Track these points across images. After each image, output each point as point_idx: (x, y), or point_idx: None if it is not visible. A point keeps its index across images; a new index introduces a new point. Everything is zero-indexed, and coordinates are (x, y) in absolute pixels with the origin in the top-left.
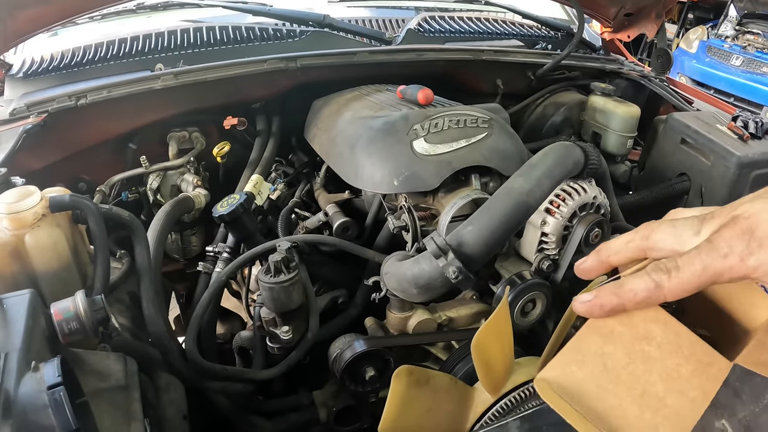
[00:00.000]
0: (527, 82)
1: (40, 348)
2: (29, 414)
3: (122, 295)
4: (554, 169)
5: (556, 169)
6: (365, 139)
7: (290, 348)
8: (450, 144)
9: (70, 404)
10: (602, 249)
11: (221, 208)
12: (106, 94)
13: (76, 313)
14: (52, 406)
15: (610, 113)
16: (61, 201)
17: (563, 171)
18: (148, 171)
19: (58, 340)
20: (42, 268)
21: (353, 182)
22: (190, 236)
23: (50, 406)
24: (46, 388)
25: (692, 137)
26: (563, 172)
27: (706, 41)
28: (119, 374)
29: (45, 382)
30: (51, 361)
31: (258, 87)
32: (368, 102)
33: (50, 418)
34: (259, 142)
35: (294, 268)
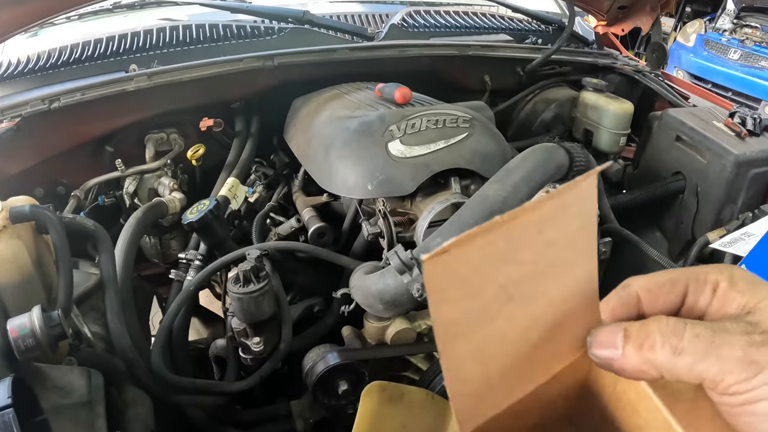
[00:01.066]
0: (516, 78)
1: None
2: None
3: (97, 302)
4: (533, 174)
5: (535, 173)
6: (340, 141)
7: (263, 359)
8: (428, 145)
9: (18, 427)
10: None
11: (190, 215)
12: (80, 96)
13: (32, 329)
14: (1, 429)
15: (603, 110)
16: (21, 212)
17: (543, 176)
18: (125, 174)
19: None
20: (3, 280)
21: (327, 186)
22: (169, 240)
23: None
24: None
25: (687, 134)
26: (543, 176)
27: (704, 35)
28: (82, 389)
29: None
30: (2, 382)
31: (235, 86)
32: (346, 101)
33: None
34: (236, 144)
35: (264, 277)
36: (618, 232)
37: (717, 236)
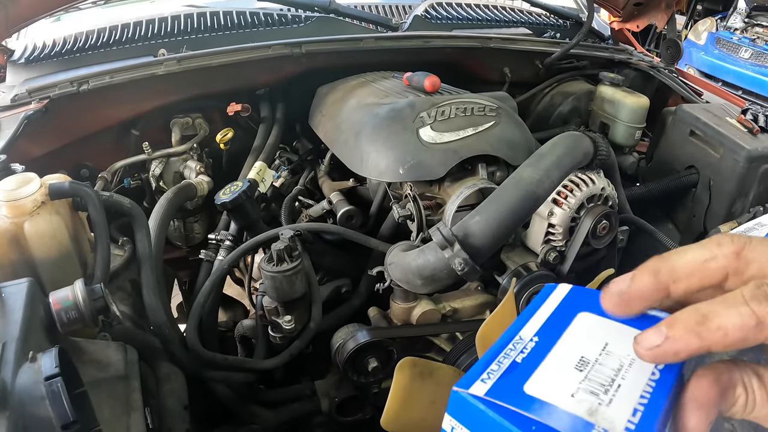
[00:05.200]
0: (535, 71)
1: (39, 338)
2: (26, 405)
3: (124, 282)
4: (563, 160)
5: (565, 159)
6: (371, 127)
7: (292, 338)
8: (457, 132)
9: (67, 395)
10: (663, 269)
11: (223, 195)
12: (109, 79)
13: (75, 302)
14: (49, 398)
15: (619, 104)
16: (60, 188)
17: (572, 161)
18: (151, 157)
19: (57, 329)
20: (41, 256)
21: (358, 170)
22: (192, 223)
23: (47, 398)
24: (44, 379)
25: (701, 129)
26: (572, 162)
27: (715, 33)
28: (119, 364)
29: (42, 373)
30: (48, 352)
31: (262, 73)
32: (374, 89)
33: (47, 409)
34: (263, 129)
35: (297, 257)
36: (634, 221)
37: (729, 229)
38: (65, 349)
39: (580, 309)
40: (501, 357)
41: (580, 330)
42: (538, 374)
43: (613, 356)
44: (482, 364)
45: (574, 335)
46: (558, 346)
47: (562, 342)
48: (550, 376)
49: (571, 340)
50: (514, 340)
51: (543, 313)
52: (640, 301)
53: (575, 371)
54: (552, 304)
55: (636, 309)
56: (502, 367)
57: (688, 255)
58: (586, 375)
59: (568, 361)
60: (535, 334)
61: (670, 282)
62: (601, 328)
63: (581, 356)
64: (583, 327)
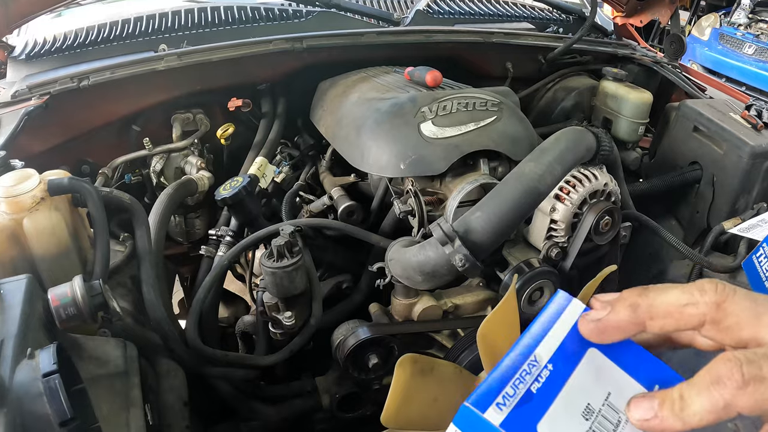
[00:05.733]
0: (537, 66)
1: (37, 334)
2: (24, 402)
3: (124, 278)
4: (566, 155)
5: (567, 154)
6: (372, 122)
7: (293, 334)
8: (458, 127)
9: (65, 392)
10: (642, 305)
11: (224, 191)
12: (109, 75)
13: (74, 298)
14: (47, 394)
15: (622, 99)
16: (59, 184)
17: (575, 156)
18: (152, 153)
19: (56, 325)
20: (41, 252)
21: (359, 165)
22: (193, 219)
23: (45, 395)
24: (41, 376)
25: (705, 125)
26: (575, 157)
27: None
28: (118, 360)
29: (40, 370)
30: (47, 348)
31: (263, 68)
32: (375, 84)
33: (45, 406)
34: (264, 124)
35: (297, 252)
36: (637, 217)
37: (732, 225)
38: (63, 346)
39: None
40: (516, 379)
41: (588, 370)
42: (551, 413)
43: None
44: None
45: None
46: (569, 384)
47: (573, 380)
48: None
49: (581, 380)
50: (530, 360)
51: (558, 332)
52: (616, 331)
53: (582, 419)
54: (567, 323)
55: (611, 338)
56: (518, 394)
57: (669, 296)
58: (591, 426)
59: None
60: (550, 360)
61: (647, 318)
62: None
63: (588, 403)
64: (591, 367)
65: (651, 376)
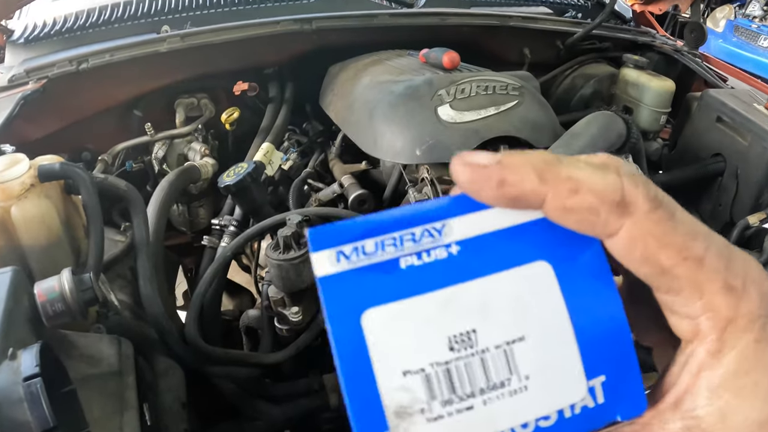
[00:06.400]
0: (555, 52)
1: (22, 332)
2: (3, 408)
3: (124, 270)
4: (598, 140)
5: (599, 140)
6: (385, 105)
7: (300, 330)
8: (478, 111)
9: (47, 398)
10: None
11: (227, 177)
12: (109, 57)
13: (62, 293)
14: (28, 400)
15: (644, 87)
16: (50, 170)
17: (606, 142)
18: (154, 139)
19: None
20: (30, 242)
21: (371, 151)
22: (197, 208)
23: (26, 400)
24: (22, 380)
25: (729, 115)
26: (606, 143)
27: (733, 20)
28: (112, 359)
29: (21, 373)
30: (29, 349)
31: (270, 51)
32: (388, 66)
33: (26, 413)
34: (271, 109)
35: (305, 243)
36: None
37: (757, 220)
38: (49, 345)
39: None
40: (391, 238)
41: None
42: (403, 308)
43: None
44: (361, 229)
45: (502, 290)
46: (469, 288)
47: (479, 285)
48: (410, 323)
49: (493, 294)
50: (430, 224)
51: (503, 215)
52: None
53: (445, 347)
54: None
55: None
56: (377, 255)
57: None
58: (449, 364)
59: (454, 323)
60: (463, 241)
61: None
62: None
63: (474, 330)
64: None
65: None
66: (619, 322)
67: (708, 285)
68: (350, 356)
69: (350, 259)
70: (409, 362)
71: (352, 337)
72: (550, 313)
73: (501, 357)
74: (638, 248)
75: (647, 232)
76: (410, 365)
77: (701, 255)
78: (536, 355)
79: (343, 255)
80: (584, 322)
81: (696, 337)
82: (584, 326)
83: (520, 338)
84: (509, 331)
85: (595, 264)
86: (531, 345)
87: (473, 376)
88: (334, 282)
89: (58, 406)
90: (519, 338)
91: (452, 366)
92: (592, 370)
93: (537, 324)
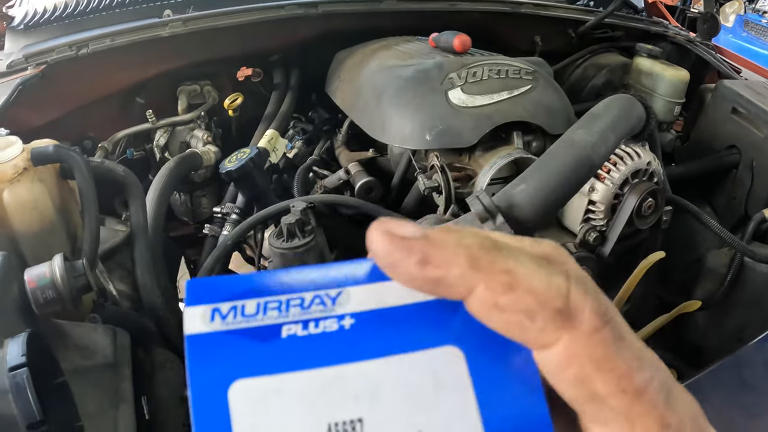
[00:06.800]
0: (567, 41)
1: (11, 320)
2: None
3: (124, 259)
4: (619, 123)
5: (620, 122)
6: (394, 89)
7: None
8: (490, 95)
9: (34, 390)
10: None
11: (229, 163)
12: (110, 42)
13: (53, 280)
14: (13, 392)
15: (658, 76)
16: (44, 153)
17: (627, 126)
18: (156, 126)
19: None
20: (22, 228)
21: (379, 136)
22: (200, 197)
23: (11, 392)
24: (7, 370)
25: (744, 106)
26: (628, 126)
27: (743, 15)
28: (107, 350)
29: (7, 363)
30: (16, 338)
31: (275, 36)
32: (397, 51)
33: (11, 405)
34: (275, 96)
35: (310, 231)
36: (676, 200)
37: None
38: (38, 334)
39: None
40: (277, 301)
41: (417, 371)
42: (278, 382)
43: None
44: (246, 286)
45: (399, 371)
46: (362, 367)
47: (377, 365)
48: (290, 399)
49: (386, 374)
50: (324, 291)
51: (403, 289)
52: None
53: (323, 431)
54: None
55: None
56: (259, 319)
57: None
58: None
59: (336, 407)
60: (358, 314)
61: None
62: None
63: (356, 418)
64: (427, 373)
65: None
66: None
67: (641, 420)
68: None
69: (225, 319)
70: None
71: (214, 410)
72: (457, 408)
73: None
74: (572, 368)
75: (586, 353)
76: None
77: (642, 387)
78: None
79: (218, 313)
80: (498, 425)
81: None
82: (498, 429)
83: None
84: (403, 426)
85: (520, 360)
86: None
87: None
88: (203, 342)
89: (47, 399)
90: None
91: None
92: None
93: (440, 420)
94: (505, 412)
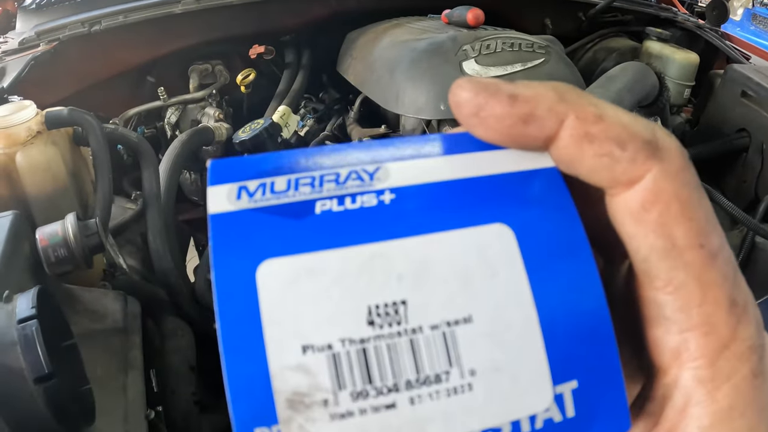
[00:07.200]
0: (577, 24)
1: (21, 279)
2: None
3: (134, 236)
4: (635, 85)
5: (636, 85)
6: (408, 61)
7: None
8: (504, 67)
9: (43, 342)
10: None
11: (243, 133)
12: (122, 19)
13: (65, 238)
14: (22, 344)
15: (668, 59)
16: (58, 116)
17: (642, 90)
18: (167, 104)
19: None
20: (34, 190)
21: (393, 108)
22: None
23: (19, 344)
24: (17, 322)
25: (754, 90)
26: (642, 91)
27: (751, 9)
28: (117, 315)
29: (16, 315)
30: (27, 292)
31: (288, 14)
32: (409, 28)
33: (19, 358)
34: (287, 74)
35: None
36: None
37: None
38: (48, 291)
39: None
40: (309, 177)
41: (465, 250)
42: (313, 264)
43: (439, 350)
44: (272, 163)
45: (444, 250)
46: (405, 244)
47: (420, 242)
48: (325, 279)
49: (431, 252)
50: (362, 166)
51: (446, 166)
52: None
53: (362, 314)
54: (494, 163)
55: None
56: (289, 196)
57: None
58: (367, 342)
59: (377, 288)
60: (399, 189)
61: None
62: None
63: (399, 300)
64: (471, 253)
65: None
66: (599, 312)
67: (712, 290)
68: (235, 320)
69: (253, 196)
70: (313, 335)
71: (241, 293)
72: (508, 290)
73: (438, 341)
74: (658, 207)
75: (674, 191)
76: (313, 339)
77: (717, 249)
78: (487, 344)
79: (245, 191)
80: (553, 308)
81: (680, 357)
82: (553, 313)
83: (465, 319)
84: (452, 309)
85: (572, 235)
86: (480, 330)
87: (398, 364)
88: (229, 221)
89: (56, 358)
90: (464, 319)
91: (370, 346)
92: (560, 373)
93: (490, 303)
94: (560, 300)
